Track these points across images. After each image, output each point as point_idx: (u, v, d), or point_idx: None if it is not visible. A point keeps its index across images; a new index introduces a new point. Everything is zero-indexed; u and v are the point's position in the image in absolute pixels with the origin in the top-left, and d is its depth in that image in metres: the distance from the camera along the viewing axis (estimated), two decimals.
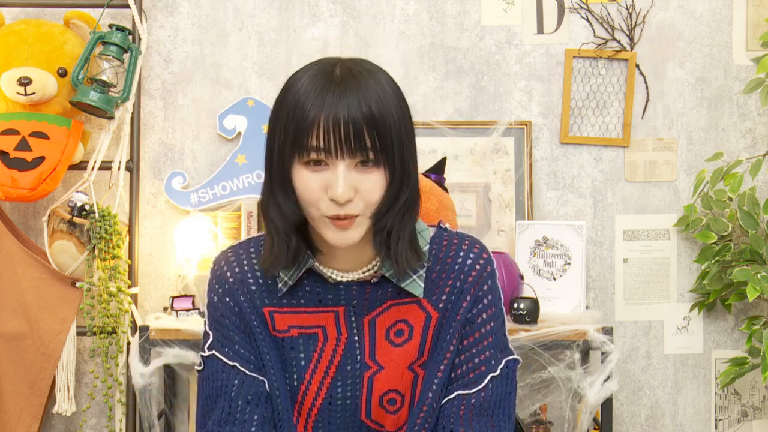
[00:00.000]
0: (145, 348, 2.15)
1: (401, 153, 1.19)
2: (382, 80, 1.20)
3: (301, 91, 1.17)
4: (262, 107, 2.47)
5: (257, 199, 2.38)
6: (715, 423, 2.53)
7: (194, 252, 2.37)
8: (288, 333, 1.29)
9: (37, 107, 2.30)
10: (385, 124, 1.16)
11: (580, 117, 2.51)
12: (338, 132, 1.14)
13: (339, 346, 1.28)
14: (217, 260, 1.35)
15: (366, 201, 1.18)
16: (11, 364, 2.30)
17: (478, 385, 1.27)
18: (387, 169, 1.18)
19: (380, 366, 1.28)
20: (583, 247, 2.32)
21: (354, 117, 1.14)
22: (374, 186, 1.18)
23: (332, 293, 1.29)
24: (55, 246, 2.30)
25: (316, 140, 1.15)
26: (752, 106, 2.51)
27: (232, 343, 1.30)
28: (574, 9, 2.50)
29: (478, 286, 1.29)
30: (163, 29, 2.50)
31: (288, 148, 1.18)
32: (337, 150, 1.14)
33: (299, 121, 1.16)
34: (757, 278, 2.15)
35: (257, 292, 1.30)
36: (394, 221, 1.21)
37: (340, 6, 2.50)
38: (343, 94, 1.15)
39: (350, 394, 1.28)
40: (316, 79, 1.17)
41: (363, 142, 1.15)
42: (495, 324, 1.30)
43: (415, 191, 1.24)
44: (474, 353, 1.28)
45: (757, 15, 2.50)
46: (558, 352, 2.17)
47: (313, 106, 1.15)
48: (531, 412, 2.35)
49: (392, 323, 1.29)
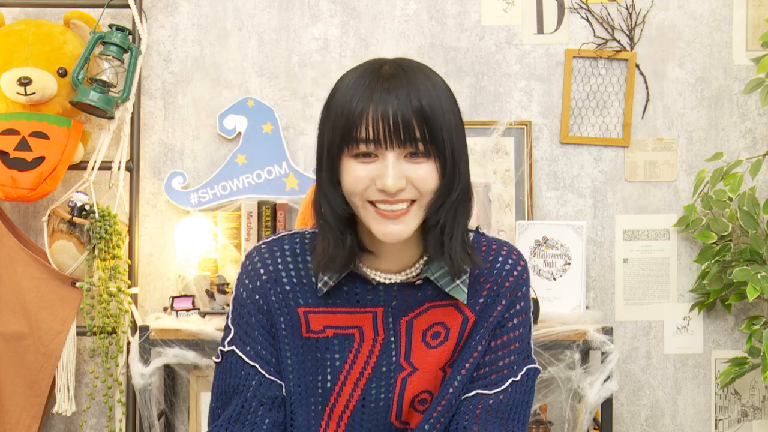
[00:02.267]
0: (145, 348, 2.15)
1: (452, 146, 1.18)
2: (431, 76, 1.20)
3: (350, 87, 1.18)
4: (262, 107, 2.47)
5: (257, 199, 2.39)
6: (715, 423, 2.53)
7: (194, 252, 2.38)
8: (323, 333, 1.27)
9: (37, 107, 2.30)
10: (435, 117, 1.16)
11: (580, 117, 2.51)
12: (387, 123, 1.14)
13: (375, 347, 1.27)
14: (250, 255, 1.31)
15: (420, 189, 1.17)
16: (11, 364, 2.30)
17: (498, 387, 1.27)
18: (438, 161, 1.17)
19: (414, 368, 1.27)
20: (583, 247, 2.32)
21: (403, 109, 1.14)
22: (426, 175, 1.17)
23: (371, 294, 1.27)
24: (55, 246, 2.30)
25: (365, 132, 1.14)
26: (752, 106, 2.51)
27: (254, 342, 1.28)
28: (574, 9, 2.50)
29: (513, 292, 1.29)
30: (163, 29, 2.50)
31: (338, 142, 1.17)
32: (387, 141, 1.14)
33: (348, 115, 1.16)
34: (757, 278, 2.15)
35: (291, 293, 1.28)
36: (447, 217, 1.20)
37: (340, 6, 2.50)
38: (392, 88, 1.15)
39: (383, 396, 1.27)
40: (364, 75, 1.18)
41: (412, 133, 1.15)
42: (523, 331, 1.30)
43: (467, 188, 1.22)
44: (499, 356, 1.28)
45: (757, 15, 2.50)
46: (558, 352, 2.17)
47: (362, 99, 1.15)
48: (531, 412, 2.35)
49: (429, 325, 1.28)
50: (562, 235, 2.34)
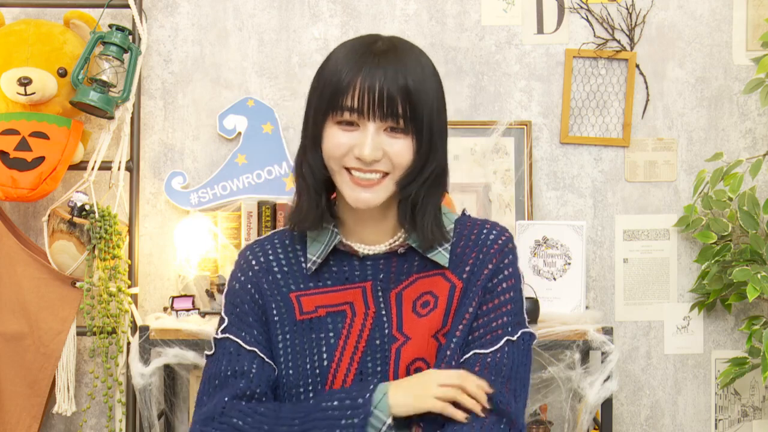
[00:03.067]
0: (145, 348, 2.15)
1: (430, 127, 1.24)
2: (422, 59, 1.27)
3: (341, 58, 1.25)
4: (262, 107, 2.47)
5: (257, 199, 2.39)
6: (715, 423, 2.53)
7: (194, 252, 2.38)
8: (315, 313, 1.31)
9: (37, 107, 2.30)
10: (419, 97, 1.22)
11: (580, 117, 2.51)
12: (372, 95, 1.20)
13: (367, 320, 1.30)
14: (243, 253, 1.39)
15: (394, 162, 1.24)
16: (11, 364, 2.30)
17: (494, 345, 1.29)
18: (415, 138, 1.24)
19: (407, 337, 1.30)
20: (583, 247, 2.32)
21: (390, 84, 1.21)
22: (402, 149, 1.24)
23: (359, 269, 1.32)
24: (55, 246, 2.30)
25: (351, 100, 1.21)
26: (752, 106, 2.51)
27: (250, 328, 1.32)
28: (574, 9, 2.50)
29: (499, 258, 1.32)
30: (163, 29, 2.50)
31: (324, 107, 1.24)
32: (369, 112, 1.21)
33: (336, 84, 1.23)
34: (757, 278, 2.15)
35: (282, 279, 1.33)
36: (420, 192, 1.26)
37: (340, 6, 2.50)
38: (382, 63, 1.22)
39: (380, 369, 1.29)
40: (355, 48, 1.25)
41: (395, 108, 1.21)
42: (514, 295, 1.33)
43: (441, 168, 1.28)
44: (492, 317, 1.30)
45: (757, 15, 2.50)
46: (558, 352, 2.17)
47: (351, 70, 1.22)
48: (531, 412, 2.35)
49: (418, 295, 1.31)
50: (562, 235, 2.34)
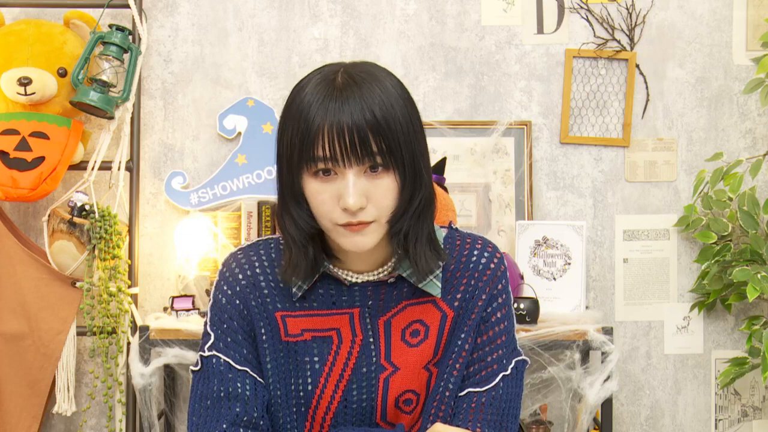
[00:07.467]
0: (145, 348, 2.15)
1: (411, 155, 1.18)
2: (386, 83, 1.18)
3: (305, 101, 1.16)
4: (262, 107, 2.47)
5: (257, 199, 2.39)
6: (715, 423, 2.53)
7: (194, 252, 2.38)
8: (301, 337, 1.27)
9: (37, 107, 2.30)
10: (390, 128, 1.15)
11: (580, 117, 2.51)
12: (343, 140, 1.13)
13: (354, 348, 1.26)
14: (227, 262, 1.32)
15: (378, 207, 1.17)
16: (11, 364, 2.30)
17: (489, 383, 1.27)
18: (397, 172, 1.17)
19: (396, 367, 1.27)
20: (583, 247, 2.32)
21: (357, 123, 1.13)
22: (386, 191, 1.17)
23: (347, 295, 1.27)
24: (55, 246, 2.30)
25: (322, 150, 1.14)
26: (752, 106, 2.51)
27: (239, 346, 1.27)
28: (574, 9, 2.50)
29: (492, 285, 1.29)
30: (163, 29, 2.50)
31: (296, 159, 1.17)
32: (344, 158, 1.14)
33: (304, 132, 1.15)
34: (757, 278, 2.15)
35: (269, 297, 1.28)
36: (410, 224, 1.20)
37: (340, 6, 2.50)
38: (345, 102, 1.14)
39: (365, 397, 1.26)
40: (318, 87, 1.16)
41: (369, 147, 1.14)
42: (507, 324, 1.30)
43: (429, 192, 1.22)
44: (487, 351, 1.28)
45: (757, 15, 2.50)
46: (558, 352, 2.17)
47: (317, 115, 1.14)
48: (531, 412, 2.35)
49: (408, 323, 1.28)
50: (562, 235, 2.34)
